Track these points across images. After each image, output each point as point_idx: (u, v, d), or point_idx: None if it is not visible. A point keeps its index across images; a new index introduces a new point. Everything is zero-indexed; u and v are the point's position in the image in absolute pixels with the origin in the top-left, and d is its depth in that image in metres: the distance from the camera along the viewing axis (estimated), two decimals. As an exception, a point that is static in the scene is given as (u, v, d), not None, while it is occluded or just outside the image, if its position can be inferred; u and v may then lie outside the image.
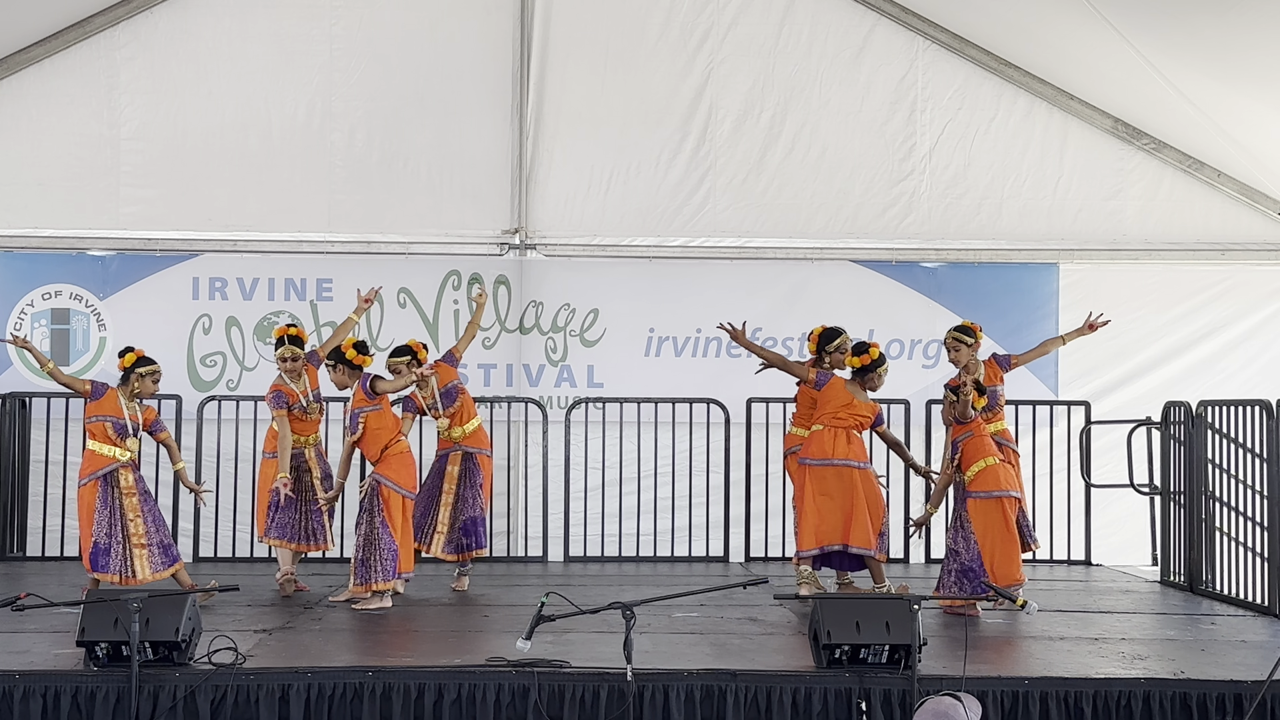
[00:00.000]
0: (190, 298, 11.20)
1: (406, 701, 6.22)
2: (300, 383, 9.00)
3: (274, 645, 7.05)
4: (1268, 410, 8.44)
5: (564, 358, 11.33)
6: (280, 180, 11.26)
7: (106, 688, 6.13)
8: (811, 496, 8.67)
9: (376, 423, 8.39)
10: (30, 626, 7.14)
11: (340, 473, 8.78)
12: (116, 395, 8.42)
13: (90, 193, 11.19)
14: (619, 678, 6.06)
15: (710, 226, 11.43)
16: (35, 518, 10.79)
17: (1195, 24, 9.41)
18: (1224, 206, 11.51)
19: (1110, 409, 11.08)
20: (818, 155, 11.44)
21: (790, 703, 6.23)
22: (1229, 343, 11.47)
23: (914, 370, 11.32)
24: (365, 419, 8.38)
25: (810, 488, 8.68)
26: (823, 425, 8.75)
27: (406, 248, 11.31)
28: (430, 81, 11.32)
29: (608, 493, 11.08)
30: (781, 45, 11.42)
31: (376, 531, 8.26)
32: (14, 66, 11.09)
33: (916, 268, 11.47)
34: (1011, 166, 11.49)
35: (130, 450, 8.42)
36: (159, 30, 11.22)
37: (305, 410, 8.98)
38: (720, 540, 10.93)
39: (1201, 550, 9.34)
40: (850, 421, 8.74)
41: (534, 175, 11.37)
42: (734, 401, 10.90)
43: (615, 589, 8.81)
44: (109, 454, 8.36)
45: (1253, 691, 6.25)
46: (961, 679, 6.10)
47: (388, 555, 8.23)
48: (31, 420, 10.89)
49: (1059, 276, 11.47)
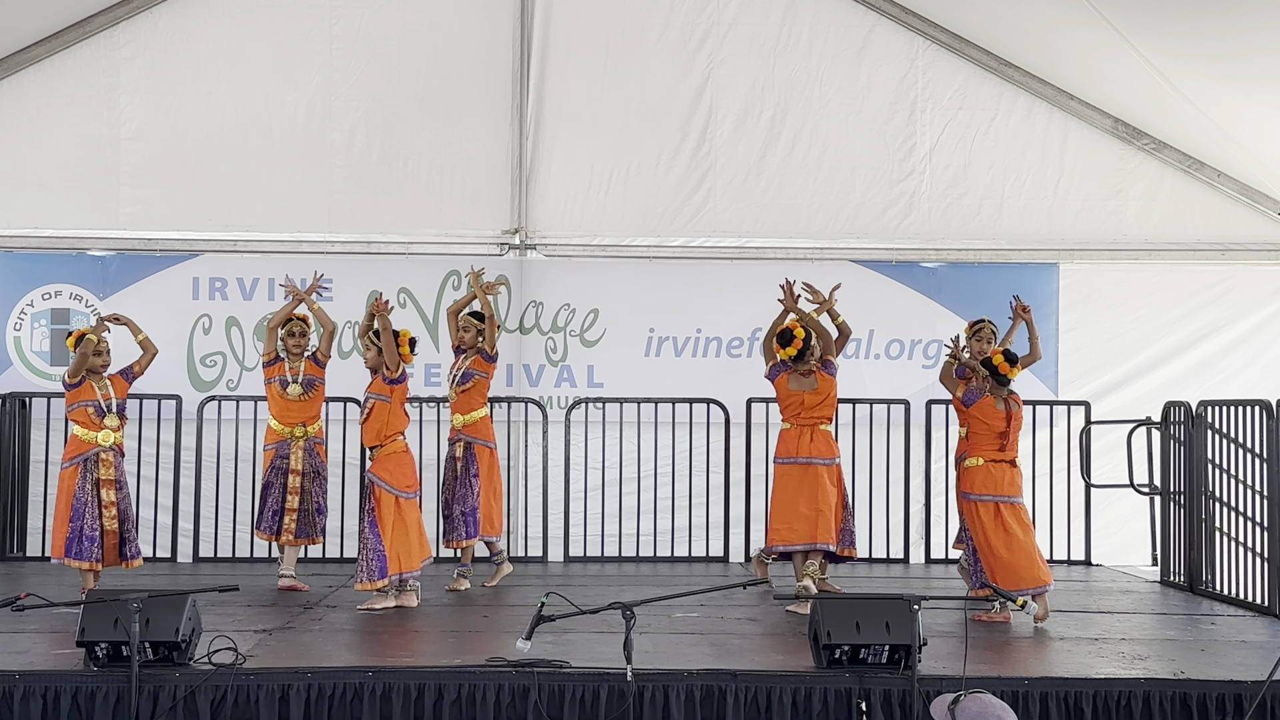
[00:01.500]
0: (190, 298, 11.20)
1: (406, 701, 6.22)
2: (295, 364, 9.22)
3: (274, 645, 7.05)
4: (1268, 410, 8.44)
5: (564, 358, 11.33)
6: (280, 180, 11.26)
7: (106, 688, 6.13)
8: (778, 496, 8.67)
9: (382, 412, 8.44)
10: (30, 626, 7.14)
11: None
12: (90, 381, 8.49)
13: (90, 193, 11.19)
14: (619, 678, 6.06)
15: (710, 226, 11.43)
16: (35, 518, 10.77)
17: (1195, 24, 9.41)
18: (1224, 206, 11.51)
19: (1110, 409, 11.07)
20: (818, 155, 11.44)
21: (790, 703, 6.23)
22: (1229, 343, 11.47)
23: (914, 370, 11.32)
24: (374, 405, 8.45)
25: (777, 486, 8.70)
26: (789, 424, 8.74)
27: (406, 248, 11.31)
28: (430, 81, 11.32)
29: (608, 493, 11.08)
30: (781, 45, 11.42)
31: (365, 531, 8.31)
32: (14, 66, 11.09)
33: (916, 268, 11.47)
34: (1011, 166, 11.49)
35: (112, 430, 8.45)
36: (159, 30, 11.22)
37: (285, 388, 9.15)
38: (720, 540, 10.93)
39: (1201, 550, 9.34)
40: (807, 419, 8.68)
41: (534, 175, 11.37)
42: (734, 401, 10.90)
43: (615, 589, 8.81)
44: (89, 438, 8.42)
45: (1253, 691, 6.25)
46: (962, 679, 6.10)
47: (373, 556, 8.23)
48: (31, 420, 10.89)
49: (1059, 276, 11.47)
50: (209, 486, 10.72)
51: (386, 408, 8.43)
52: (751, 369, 11.21)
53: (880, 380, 11.23)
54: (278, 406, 9.23)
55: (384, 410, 8.43)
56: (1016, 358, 8.17)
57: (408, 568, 8.36)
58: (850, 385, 10.79)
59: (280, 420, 9.22)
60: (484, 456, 9.29)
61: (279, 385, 9.19)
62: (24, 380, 11.00)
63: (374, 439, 8.48)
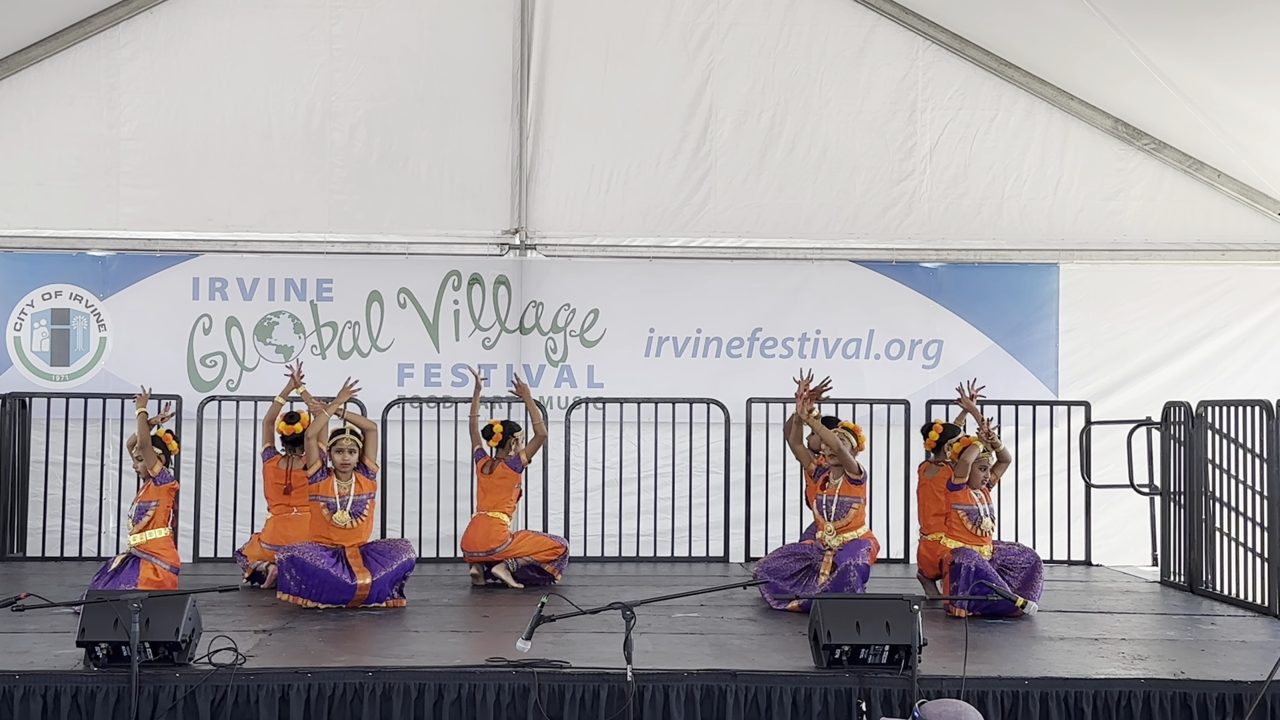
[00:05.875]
0: (190, 298, 11.20)
1: (406, 701, 6.22)
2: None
3: (274, 645, 7.05)
4: (1268, 410, 8.44)
5: (564, 358, 11.33)
6: (280, 180, 11.26)
7: (106, 688, 6.12)
8: None
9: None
10: (30, 626, 7.13)
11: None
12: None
13: (90, 193, 11.18)
14: (619, 678, 6.06)
15: (710, 226, 11.43)
16: (35, 518, 10.79)
17: (1196, 23, 9.41)
18: (1224, 206, 11.51)
19: (1110, 409, 11.07)
20: (818, 155, 11.44)
21: (790, 703, 6.23)
22: (1229, 343, 11.47)
23: (914, 370, 11.33)
24: (371, 504, 8.60)
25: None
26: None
27: (406, 248, 11.31)
28: (430, 81, 11.32)
29: (608, 493, 11.08)
30: (782, 45, 11.42)
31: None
32: (14, 66, 11.09)
33: (916, 268, 11.47)
34: (1012, 167, 11.49)
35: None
36: (159, 30, 11.21)
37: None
38: (720, 540, 10.93)
39: (1201, 550, 9.34)
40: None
41: (534, 175, 11.37)
42: (734, 401, 10.90)
43: (615, 589, 8.81)
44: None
45: (1253, 691, 6.25)
46: (961, 679, 6.10)
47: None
48: (31, 420, 10.88)
49: (1059, 277, 11.47)
50: (209, 486, 10.72)
51: (372, 503, 8.61)
52: (751, 369, 11.26)
53: (880, 380, 11.23)
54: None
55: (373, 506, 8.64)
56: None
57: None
58: (850, 385, 10.83)
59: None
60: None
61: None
62: (24, 380, 11.00)
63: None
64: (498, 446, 9.44)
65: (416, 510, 10.75)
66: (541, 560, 9.43)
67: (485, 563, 9.41)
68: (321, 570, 8.18)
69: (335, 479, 8.39)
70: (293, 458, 9.12)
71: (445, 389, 11.15)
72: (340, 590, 8.19)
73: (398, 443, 10.80)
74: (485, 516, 9.38)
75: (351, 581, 8.20)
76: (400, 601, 8.42)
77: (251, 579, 9.25)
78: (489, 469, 9.43)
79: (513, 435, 9.47)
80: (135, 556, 8.22)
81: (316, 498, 8.42)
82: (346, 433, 8.47)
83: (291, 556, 8.25)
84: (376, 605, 8.28)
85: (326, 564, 8.20)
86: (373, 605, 8.27)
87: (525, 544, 9.45)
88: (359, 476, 8.43)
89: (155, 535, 8.27)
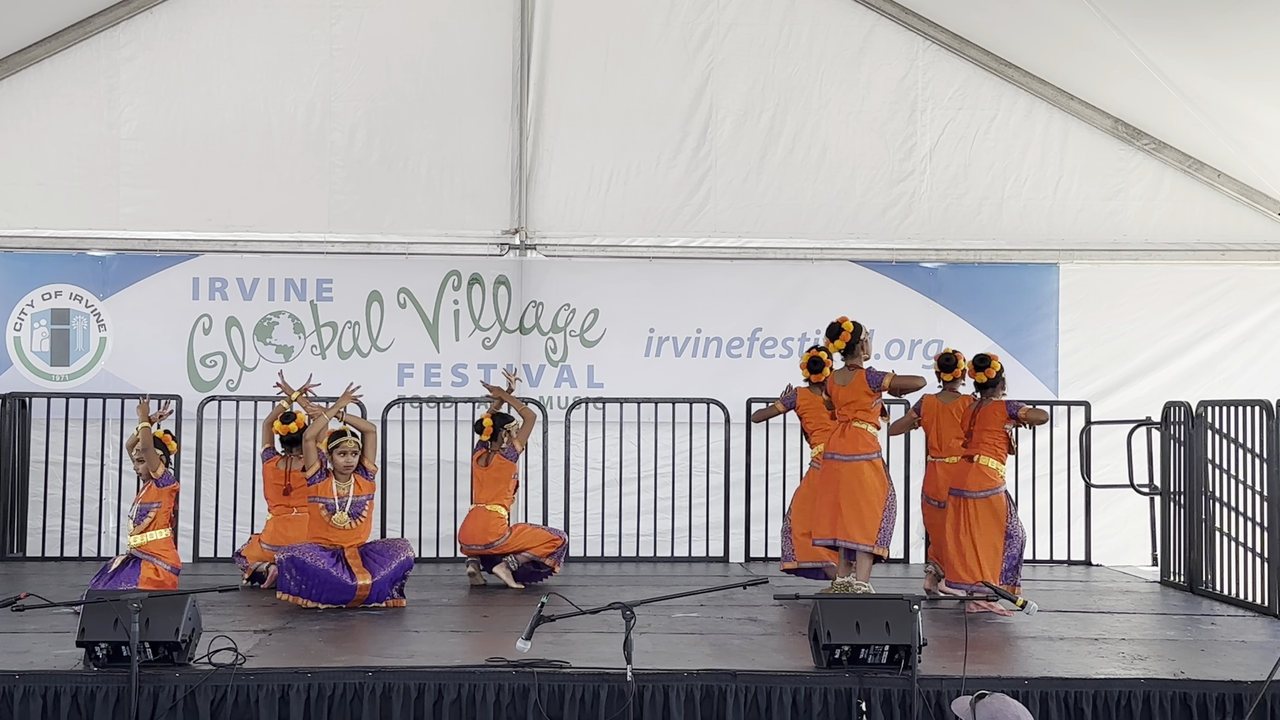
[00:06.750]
0: (190, 298, 11.20)
1: (406, 701, 6.21)
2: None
3: (274, 645, 7.05)
4: (1268, 410, 8.43)
5: (564, 358, 11.33)
6: (280, 180, 11.26)
7: (106, 688, 6.12)
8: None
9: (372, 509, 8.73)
10: (30, 626, 7.13)
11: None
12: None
13: (90, 193, 11.19)
14: (619, 678, 6.06)
15: (710, 226, 11.43)
16: (35, 518, 10.79)
17: (1195, 23, 9.41)
18: (1224, 206, 11.51)
19: (1110, 409, 11.07)
20: (818, 155, 11.44)
21: (790, 703, 6.22)
22: (1229, 343, 11.47)
23: (914, 370, 11.29)
24: (370, 506, 8.62)
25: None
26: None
27: (406, 248, 11.31)
28: (430, 81, 11.32)
29: (608, 493, 11.08)
30: (782, 45, 11.42)
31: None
32: (14, 66, 11.09)
33: (916, 268, 11.47)
34: (1012, 167, 11.49)
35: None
36: (159, 30, 11.21)
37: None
38: (720, 541, 10.94)
39: (1201, 550, 9.34)
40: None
41: (534, 175, 11.37)
42: (734, 402, 10.90)
43: (615, 589, 8.80)
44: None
45: (1253, 691, 6.24)
46: (961, 679, 6.09)
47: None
48: (31, 420, 10.89)
49: (1059, 277, 11.47)
50: (209, 486, 10.72)
51: (371, 504, 8.65)
52: (751, 369, 11.25)
53: (880, 380, 11.21)
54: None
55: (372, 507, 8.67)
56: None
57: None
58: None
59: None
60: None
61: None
62: (24, 380, 11.00)
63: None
64: (490, 439, 9.46)
65: (416, 510, 10.75)
66: (540, 554, 9.43)
67: (483, 556, 9.41)
68: (322, 570, 8.18)
69: (334, 480, 8.39)
70: (292, 458, 9.12)
71: (445, 389, 11.15)
72: (340, 591, 8.20)
73: (398, 443, 10.81)
74: (483, 509, 9.38)
75: (352, 582, 8.21)
76: (400, 601, 8.42)
77: (251, 579, 9.26)
78: (485, 461, 9.44)
79: (504, 427, 9.51)
80: (136, 557, 8.23)
81: (315, 499, 8.42)
82: (347, 435, 8.48)
83: (291, 557, 8.25)
84: (376, 605, 8.28)
85: (326, 564, 8.20)
86: (372, 605, 8.27)
87: (523, 537, 9.45)
88: (358, 478, 8.43)
89: (156, 536, 8.28)
